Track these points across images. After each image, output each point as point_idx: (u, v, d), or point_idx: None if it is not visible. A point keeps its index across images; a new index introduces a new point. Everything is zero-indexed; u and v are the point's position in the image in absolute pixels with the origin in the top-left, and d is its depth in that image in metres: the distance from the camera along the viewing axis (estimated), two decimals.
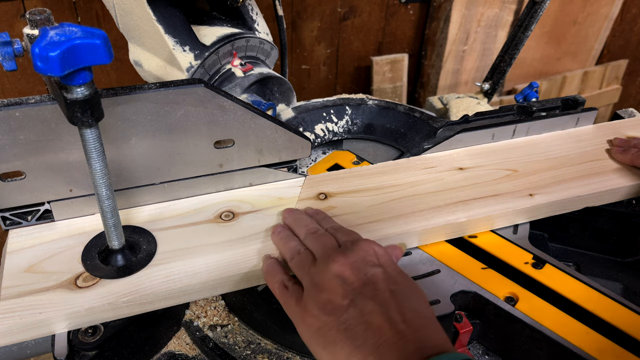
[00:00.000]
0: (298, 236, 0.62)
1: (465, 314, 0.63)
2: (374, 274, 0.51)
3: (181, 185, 0.71)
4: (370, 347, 0.46)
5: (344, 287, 0.51)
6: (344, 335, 0.47)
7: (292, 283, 0.56)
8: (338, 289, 0.51)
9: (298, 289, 0.55)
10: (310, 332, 0.50)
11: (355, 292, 0.50)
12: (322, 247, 0.57)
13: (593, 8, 2.23)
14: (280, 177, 0.77)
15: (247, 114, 0.68)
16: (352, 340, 0.47)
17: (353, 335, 0.47)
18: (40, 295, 0.58)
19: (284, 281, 0.57)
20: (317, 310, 0.50)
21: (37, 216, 0.66)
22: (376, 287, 0.50)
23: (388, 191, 0.76)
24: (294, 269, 0.58)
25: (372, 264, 0.53)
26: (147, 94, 0.61)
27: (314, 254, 0.57)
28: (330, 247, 0.57)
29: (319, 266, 0.54)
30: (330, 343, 0.48)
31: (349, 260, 0.53)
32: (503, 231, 0.73)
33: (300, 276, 0.56)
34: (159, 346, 0.64)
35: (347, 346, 0.47)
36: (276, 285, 0.57)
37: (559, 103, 0.88)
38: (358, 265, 0.52)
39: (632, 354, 0.56)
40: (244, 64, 0.87)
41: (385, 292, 0.50)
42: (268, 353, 0.64)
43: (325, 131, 0.92)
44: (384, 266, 0.53)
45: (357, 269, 0.52)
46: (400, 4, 1.91)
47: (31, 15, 0.56)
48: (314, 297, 0.52)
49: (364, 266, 0.52)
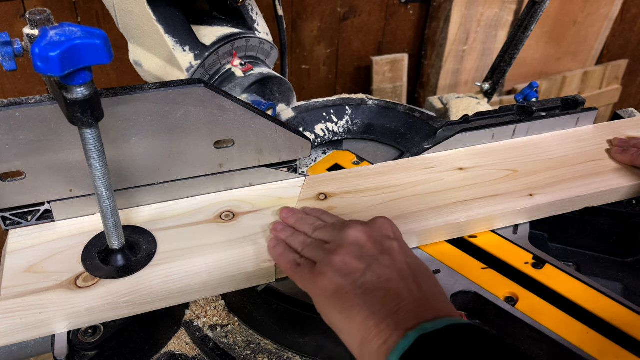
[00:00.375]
0: (304, 233, 0.62)
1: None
2: (390, 245, 0.53)
3: (181, 185, 0.71)
4: (387, 312, 0.46)
5: (361, 252, 0.52)
6: (361, 299, 0.48)
7: (304, 260, 0.57)
8: (355, 252, 0.51)
9: (311, 263, 0.55)
10: (325, 295, 0.50)
11: (371, 258, 0.51)
12: (334, 228, 0.58)
13: (593, 8, 2.23)
14: (280, 177, 0.77)
15: (247, 114, 0.68)
16: (370, 305, 0.47)
17: (371, 300, 0.47)
18: (41, 295, 0.58)
19: (296, 259, 0.57)
20: (333, 273, 0.51)
21: (37, 216, 0.66)
22: (393, 258, 0.51)
23: (388, 191, 0.76)
24: (307, 254, 0.57)
25: (388, 237, 0.54)
26: (147, 94, 0.61)
27: (325, 240, 0.58)
28: (342, 225, 0.57)
29: (334, 239, 0.55)
30: (347, 307, 0.48)
31: (365, 229, 0.54)
32: (503, 231, 0.73)
33: (313, 255, 0.56)
34: (159, 346, 0.64)
35: (364, 310, 0.47)
36: (289, 266, 0.57)
37: (559, 103, 0.88)
38: (375, 235, 0.54)
39: (632, 354, 0.56)
40: (244, 64, 0.87)
41: (403, 263, 0.51)
42: (268, 353, 0.64)
43: (325, 131, 0.92)
44: (399, 241, 0.54)
45: (374, 238, 0.53)
46: (400, 4, 1.91)
47: (31, 15, 0.56)
48: (328, 261, 0.52)
49: (381, 237, 0.54)
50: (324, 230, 0.59)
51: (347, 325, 0.48)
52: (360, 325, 0.46)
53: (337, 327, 0.49)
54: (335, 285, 0.50)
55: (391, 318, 0.45)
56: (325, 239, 0.58)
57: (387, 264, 0.50)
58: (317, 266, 0.53)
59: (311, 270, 0.54)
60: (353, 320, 0.47)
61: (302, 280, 0.55)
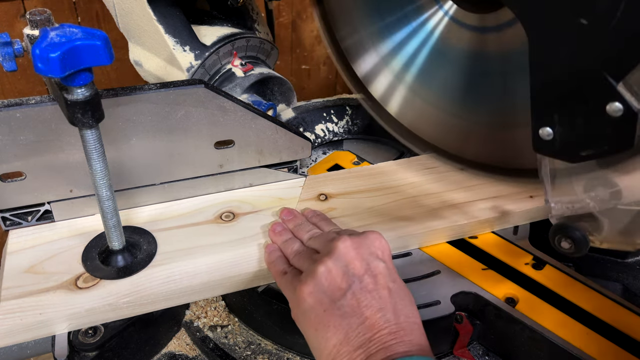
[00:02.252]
0: (300, 239, 0.62)
1: (465, 315, 0.63)
2: (376, 266, 0.52)
3: (181, 185, 0.71)
4: (361, 341, 0.47)
5: (346, 268, 0.51)
6: (338, 321, 0.48)
7: (292, 269, 0.57)
8: (339, 268, 0.51)
9: (297, 272, 0.56)
10: (304, 307, 0.51)
11: (355, 277, 0.50)
12: (325, 239, 0.57)
13: None
14: (280, 177, 0.77)
15: (248, 114, 0.68)
16: (346, 330, 0.48)
17: (347, 325, 0.48)
18: (41, 296, 0.58)
19: (285, 269, 0.58)
20: (314, 286, 0.50)
21: (38, 217, 0.66)
22: (376, 281, 0.51)
23: (388, 192, 0.76)
24: (296, 263, 0.58)
25: (376, 256, 0.53)
26: (148, 95, 0.61)
27: (316, 249, 0.58)
28: (334, 236, 0.57)
29: (322, 250, 0.55)
30: (323, 326, 0.49)
31: (355, 244, 0.53)
32: (503, 232, 0.73)
33: (301, 265, 0.57)
34: (159, 347, 0.64)
35: (339, 333, 0.48)
36: (277, 273, 0.58)
37: None
38: (363, 252, 0.53)
39: (632, 355, 0.56)
40: (244, 64, 0.87)
41: (385, 289, 0.50)
42: (268, 354, 0.64)
43: (326, 131, 0.92)
44: (386, 262, 0.53)
45: (362, 255, 0.53)
46: None
47: (31, 15, 0.56)
48: (313, 272, 0.52)
49: (368, 256, 0.53)
50: (317, 239, 0.60)
51: (321, 343, 0.49)
52: (333, 347, 0.48)
53: (310, 341, 0.51)
54: (314, 299, 0.50)
55: (364, 347, 0.46)
56: (316, 248, 0.58)
57: (369, 288, 0.50)
58: (301, 275, 0.54)
59: (294, 278, 0.54)
60: (328, 341, 0.48)
61: (285, 287, 0.56)
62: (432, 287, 0.63)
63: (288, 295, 0.55)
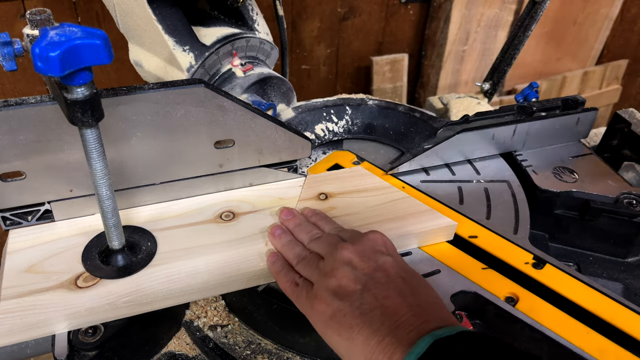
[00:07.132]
0: (301, 242, 0.62)
1: (465, 314, 0.63)
2: (384, 261, 0.53)
3: (181, 185, 0.71)
4: (388, 328, 0.46)
5: (354, 272, 0.51)
6: (360, 320, 0.48)
7: (303, 280, 0.57)
8: (349, 275, 0.51)
9: (308, 284, 0.56)
10: (324, 319, 0.50)
11: (366, 277, 0.51)
12: (329, 245, 0.58)
13: (593, 8, 2.23)
14: (280, 177, 0.77)
15: (247, 114, 0.68)
16: (369, 324, 0.47)
17: (370, 319, 0.48)
18: (41, 296, 0.57)
19: (295, 279, 0.57)
20: (329, 297, 0.51)
21: (38, 216, 0.66)
22: (388, 274, 0.51)
23: (388, 191, 0.76)
24: (302, 271, 0.58)
25: (381, 252, 0.54)
26: (148, 94, 0.61)
27: (320, 254, 0.58)
28: (336, 242, 0.57)
29: (327, 259, 0.55)
30: (346, 329, 0.48)
31: (357, 249, 0.54)
32: (503, 231, 0.73)
33: (309, 274, 0.56)
34: (159, 346, 0.64)
35: (364, 330, 0.47)
36: (287, 285, 0.58)
37: (559, 103, 0.88)
38: (367, 253, 0.53)
39: (632, 354, 0.56)
40: (244, 64, 0.87)
41: (398, 277, 0.51)
42: (268, 353, 0.64)
43: (326, 131, 0.92)
44: (393, 255, 0.54)
45: (366, 256, 0.53)
46: (400, 4, 1.91)
47: (31, 15, 0.56)
48: (324, 285, 0.52)
49: (373, 254, 0.53)
50: (319, 242, 0.60)
51: (349, 346, 0.48)
52: (362, 345, 0.47)
53: (338, 349, 0.50)
54: (332, 309, 0.50)
55: (393, 333, 0.46)
56: (320, 252, 0.58)
57: (382, 282, 0.50)
58: (314, 289, 0.53)
59: (308, 293, 0.54)
60: (354, 341, 0.47)
61: (299, 303, 0.56)
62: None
63: (304, 311, 0.54)
